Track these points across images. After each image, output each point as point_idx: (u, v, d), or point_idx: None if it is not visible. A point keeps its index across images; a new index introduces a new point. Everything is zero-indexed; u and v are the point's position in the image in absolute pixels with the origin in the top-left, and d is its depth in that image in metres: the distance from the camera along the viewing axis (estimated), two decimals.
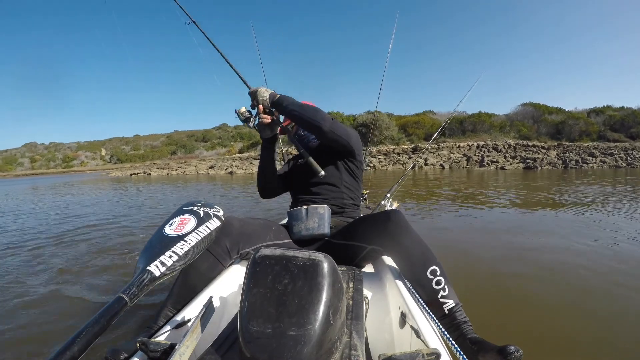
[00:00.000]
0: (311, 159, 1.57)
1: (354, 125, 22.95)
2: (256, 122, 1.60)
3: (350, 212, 1.67)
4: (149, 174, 23.58)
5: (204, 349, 0.76)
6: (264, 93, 1.54)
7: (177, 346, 0.74)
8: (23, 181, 27.30)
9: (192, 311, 1.07)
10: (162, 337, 0.89)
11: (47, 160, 57.19)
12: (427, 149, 12.54)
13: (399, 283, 1.25)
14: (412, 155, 19.14)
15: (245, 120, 1.59)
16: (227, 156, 19.12)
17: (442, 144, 20.48)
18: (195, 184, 13.46)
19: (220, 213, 1.28)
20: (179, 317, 1.02)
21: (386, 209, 2.70)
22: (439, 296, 1.18)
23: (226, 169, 20.85)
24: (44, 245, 3.94)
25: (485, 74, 3.30)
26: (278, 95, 1.55)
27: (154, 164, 31.81)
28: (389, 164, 18.24)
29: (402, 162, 18.11)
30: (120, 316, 0.78)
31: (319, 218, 1.51)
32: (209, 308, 0.90)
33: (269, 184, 1.78)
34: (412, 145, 20.71)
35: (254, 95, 1.55)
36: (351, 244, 1.40)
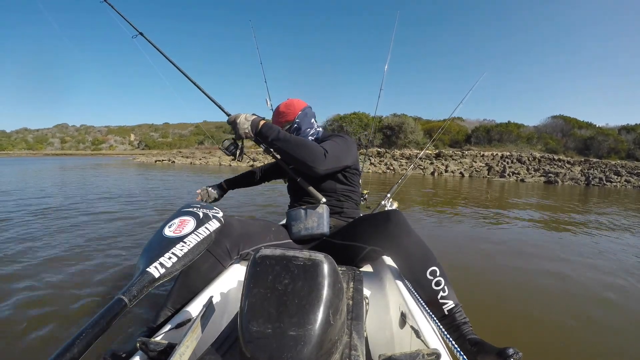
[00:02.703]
0: (311, 188, 1.56)
1: (380, 126, 22.64)
2: (242, 155, 1.52)
3: (350, 213, 1.67)
4: (173, 161, 24.22)
5: (204, 349, 0.75)
6: (245, 124, 1.41)
7: (177, 346, 0.73)
8: (52, 160, 28.32)
9: (192, 311, 1.07)
10: (162, 337, 0.89)
11: (76, 142, 58.46)
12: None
13: (399, 283, 1.24)
14: (434, 161, 18.83)
15: (232, 154, 1.49)
16: (252, 149, 19.26)
17: (466, 152, 20.07)
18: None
19: (220, 214, 1.27)
20: (179, 317, 1.02)
21: (386, 209, 2.69)
22: (439, 297, 1.18)
23: (247, 162, 21.00)
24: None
25: (484, 76, 3.27)
26: (262, 124, 1.42)
27: (179, 152, 32.31)
28: (409, 168, 17.92)
29: (422, 167, 17.79)
30: (120, 316, 0.79)
31: (318, 217, 1.50)
32: (209, 308, 0.90)
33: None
34: (436, 151, 20.28)
35: (233, 125, 1.44)
36: (351, 244, 1.40)
